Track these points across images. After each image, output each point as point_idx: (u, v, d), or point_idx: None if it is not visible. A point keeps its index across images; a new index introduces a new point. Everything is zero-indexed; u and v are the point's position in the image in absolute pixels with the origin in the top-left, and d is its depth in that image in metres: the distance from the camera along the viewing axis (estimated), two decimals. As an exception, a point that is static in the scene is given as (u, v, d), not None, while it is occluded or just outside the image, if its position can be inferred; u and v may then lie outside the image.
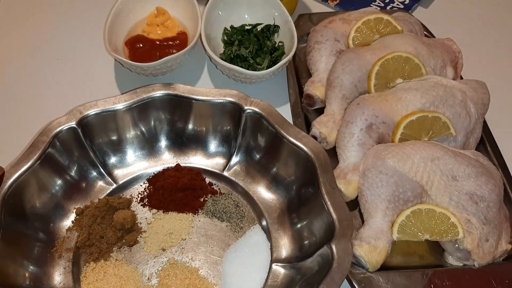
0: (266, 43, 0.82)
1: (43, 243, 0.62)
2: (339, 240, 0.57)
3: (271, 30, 0.84)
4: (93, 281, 0.60)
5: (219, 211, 0.67)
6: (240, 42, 0.82)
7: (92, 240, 0.63)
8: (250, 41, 0.82)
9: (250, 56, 0.80)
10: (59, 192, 0.66)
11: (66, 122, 0.65)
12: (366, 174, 0.64)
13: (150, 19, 0.86)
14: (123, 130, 0.70)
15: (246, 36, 0.83)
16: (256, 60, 0.80)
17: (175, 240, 0.64)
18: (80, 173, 0.68)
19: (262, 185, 0.70)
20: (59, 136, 0.64)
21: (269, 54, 0.82)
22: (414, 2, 1.00)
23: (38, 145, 0.62)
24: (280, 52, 0.82)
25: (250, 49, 0.81)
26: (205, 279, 0.61)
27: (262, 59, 0.80)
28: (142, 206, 0.68)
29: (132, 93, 0.68)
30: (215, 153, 0.73)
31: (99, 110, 0.67)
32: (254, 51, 0.81)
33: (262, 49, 0.82)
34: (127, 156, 0.71)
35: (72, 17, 0.93)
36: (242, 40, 0.82)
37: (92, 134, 0.68)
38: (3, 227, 0.57)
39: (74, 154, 0.67)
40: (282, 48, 0.83)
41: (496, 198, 0.62)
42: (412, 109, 0.68)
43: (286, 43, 0.83)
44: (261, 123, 0.68)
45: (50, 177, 0.64)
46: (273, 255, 0.63)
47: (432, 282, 0.60)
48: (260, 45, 0.82)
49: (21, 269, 0.58)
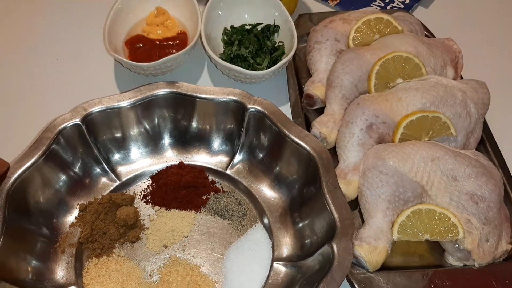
0: (266, 43, 0.82)
1: (46, 238, 0.62)
2: (340, 239, 0.57)
3: (271, 30, 0.84)
4: (95, 277, 0.60)
5: (221, 209, 0.67)
6: (240, 42, 0.82)
7: (95, 236, 0.63)
8: (250, 41, 0.82)
9: (250, 56, 0.80)
10: (63, 188, 0.66)
11: (70, 119, 0.65)
12: (366, 174, 0.64)
13: (150, 19, 0.85)
14: (127, 127, 0.70)
15: (246, 36, 0.83)
16: (256, 60, 0.80)
17: (177, 237, 0.64)
18: (84, 169, 0.68)
19: (264, 184, 0.70)
20: (63, 133, 0.64)
21: (269, 54, 0.82)
22: (414, 2, 1.00)
23: (42, 141, 0.63)
24: (280, 52, 0.82)
25: (250, 49, 0.81)
26: (206, 276, 0.61)
27: (262, 59, 0.80)
28: (145, 203, 0.68)
29: (136, 91, 0.69)
30: (218, 151, 0.73)
31: (103, 107, 0.67)
32: (254, 51, 0.81)
33: (262, 49, 0.82)
34: (130, 153, 0.72)
35: (72, 17, 0.93)
36: (242, 40, 0.82)
37: (96, 131, 0.68)
38: (7, 222, 0.57)
39: (78, 150, 0.67)
40: (282, 48, 0.83)
41: (496, 198, 0.62)
42: (412, 109, 0.68)
43: (286, 43, 0.83)
44: (264, 122, 0.68)
45: (54, 173, 0.65)
46: (274, 254, 0.63)
47: (432, 282, 0.60)
48: (260, 45, 0.82)
49: (24, 263, 0.59)
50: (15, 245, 0.58)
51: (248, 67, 0.79)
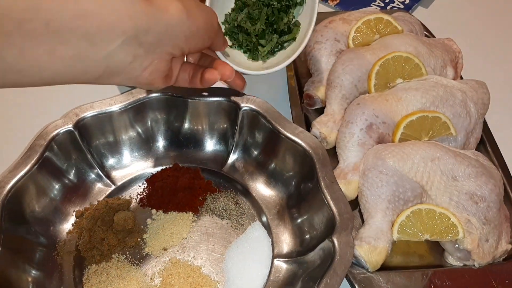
0: (282, 18, 0.68)
1: (44, 247, 0.62)
2: (340, 234, 0.57)
3: (294, 1, 0.69)
4: (96, 283, 0.60)
5: (219, 209, 0.67)
6: (250, 14, 0.69)
7: (93, 242, 0.62)
8: (261, 17, 0.68)
9: (254, 34, 0.69)
10: (58, 196, 0.65)
11: (62, 125, 0.64)
12: (366, 174, 0.64)
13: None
14: (120, 131, 0.69)
15: (260, 7, 0.69)
16: (259, 40, 0.69)
17: (176, 240, 0.64)
18: (79, 175, 0.67)
19: (260, 182, 0.70)
20: (56, 139, 0.64)
21: (278, 35, 0.70)
22: (414, 2, 1.00)
23: (35, 149, 0.62)
24: (292, 36, 0.69)
25: (258, 26, 0.68)
26: (208, 276, 0.61)
27: (267, 41, 0.69)
28: (141, 206, 0.68)
29: (127, 94, 0.68)
30: (212, 151, 0.73)
31: (95, 112, 0.66)
32: (260, 30, 0.69)
33: (273, 25, 0.69)
34: (124, 157, 0.71)
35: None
36: (252, 14, 0.69)
37: (89, 136, 0.67)
38: (3, 232, 0.56)
39: (72, 157, 0.66)
40: (295, 31, 0.69)
41: (496, 198, 0.62)
42: (412, 109, 0.68)
43: (303, 26, 0.69)
44: (258, 120, 0.68)
45: (48, 181, 0.64)
46: (274, 251, 0.63)
47: (432, 282, 0.60)
48: (271, 23, 0.69)
49: (23, 274, 0.58)
50: (13, 255, 0.57)
51: (248, 45, 0.70)
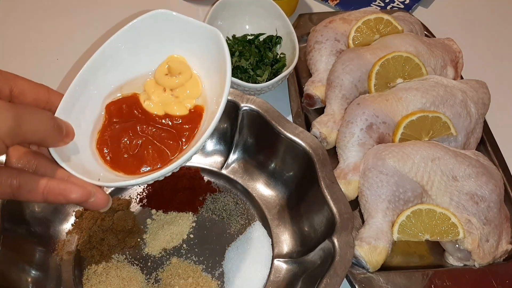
0: (268, 54, 0.80)
1: (44, 247, 0.62)
2: (341, 234, 0.57)
3: (273, 41, 0.83)
4: (96, 284, 0.60)
5: (219, 209, 0.67)
6: (240, 53, 0.80)
7: (93, 243, 0.62)
8: (251, 53, 0.80)
9: (250, 68, 0.79)
10: (58, 195, 0.65)
11: None
12: (366, 174, 0.64)
13: (159, 75, 0.52)
14: (120, 131, 0.69)
15: (247, 47, 0.81)
16: (256, 72, 0.79)
17: (176, 240, 0.64)
18: (79, 175, 0.68)
19: (260, 182, 0.70)
20: None
21: (269, 66, 0.80)
22: (414, 2, 1.00)
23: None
24: (281, 64, 0.80)
25: (251, 60, 0.79)
26: (207, 277, 0.61)
27: (263, 71, 0.78)
28: (141, 207, 0.68)
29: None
30: (212, 151, 0.73)
31: None
32: (254, 62, 0.79)
33: (263, 60, 0.80)
34: (124, 156, 0.71)
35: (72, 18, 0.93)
36: (243, 52, 0.80)
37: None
38: (3, 232, 0.56)
39: (72, 156, 0.66)
40: (283, 60, 0.81)
41: (496, 198, 0.62)
42: (412, 109, 0.68)
43: (288, 54, 0.81)
44: (258, 120, 0.67)
45: (48, 180, 0.64)
46: (274, 251, 0.63)
47: (433, 282, 0.60)
48: (261, 56, 0.80)
49: (23, 274, 0.58)
50: (13, 255, 0.57)
51: (248, 78, 0.78)
